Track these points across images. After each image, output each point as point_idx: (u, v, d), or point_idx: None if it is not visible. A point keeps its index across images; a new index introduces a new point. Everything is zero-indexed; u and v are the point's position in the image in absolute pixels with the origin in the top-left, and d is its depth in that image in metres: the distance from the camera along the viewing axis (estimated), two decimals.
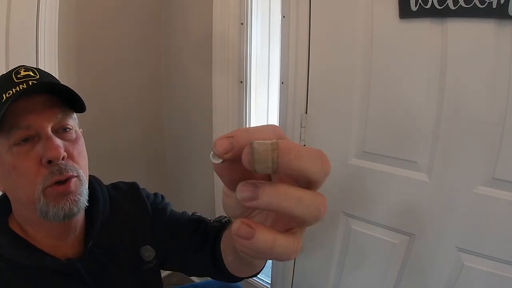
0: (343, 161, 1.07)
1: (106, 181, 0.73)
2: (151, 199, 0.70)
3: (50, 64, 1.19)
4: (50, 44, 1.17)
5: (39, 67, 1.13)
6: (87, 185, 0.54)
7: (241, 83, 1.34)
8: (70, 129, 0.54)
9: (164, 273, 1.84)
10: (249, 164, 0.20)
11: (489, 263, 0.85)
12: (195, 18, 1.48)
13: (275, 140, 0.20)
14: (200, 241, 0.64)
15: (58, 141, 0.50)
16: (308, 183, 0.23)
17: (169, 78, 1.66)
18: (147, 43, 1.58)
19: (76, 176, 0.51)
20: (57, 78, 0.58)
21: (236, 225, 0.21)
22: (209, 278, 0.67)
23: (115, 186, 0.70)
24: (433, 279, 0.95)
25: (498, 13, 0.74)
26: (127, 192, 0.69)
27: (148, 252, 0.65)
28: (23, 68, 0.53)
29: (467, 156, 0.85)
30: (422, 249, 0.96)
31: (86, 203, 0.53)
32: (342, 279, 1.16)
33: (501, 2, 0.73)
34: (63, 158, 0.49)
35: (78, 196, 0.51)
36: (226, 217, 0.66)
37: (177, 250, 0.66)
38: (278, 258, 0.22)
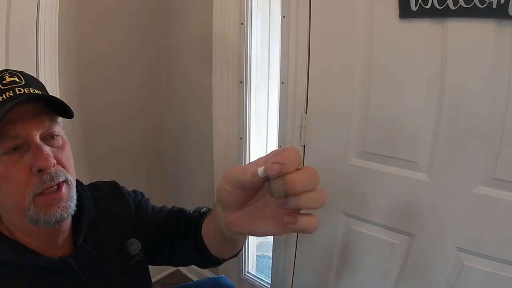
0: (343, 161, 1.07)
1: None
2: (132, 197, 0.72)
3: (50, 64, 1.19)
4: (50, 44, 1.17)
5: (39, 67, 1.14)
6: (75, 189, 0.56)
7: (241, 83, 1.34)
8: (57, 135, 0.55)
9: (164, 273, 1.84)
10: (270, 193, 0.31)
11: (489, 263, 0.85)
12: (195, 18, 1.48)
13: (284, 177, 0.30)
14: (183, 231, 0.67)
15: (48, 150, 0.50)
16: None
17: (169, 78, 1.66)
18: (147, 43, 1.58)
19: (65, 181, 0.53)
20: (41, 81, 0.59)
21: (285, 217, 0.34)
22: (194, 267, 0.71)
23: (94, 185, 0.71)
24: (433, 279, 0.95)
25: (498, 13, 0.74)
26: (107, 190, 0.70)
27: (134, 245, 0.67)
28: (8, 74, 0.53)
29: (467, 156, 0.85)
30: (422, 249, 0.96)
31: (75, 207, 0.55)
32: (342, 279, 1.16)
33: (501, 2, 0.73)
34: (53, 166, 0.50)
35: (69, 202, 0.53)
36: (204, 207, 0.70)
37: (163, 242, 0.69)
38: (308, 231, 0.33)
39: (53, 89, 1.22)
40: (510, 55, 0.76)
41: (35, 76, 1.14)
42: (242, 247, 0.65)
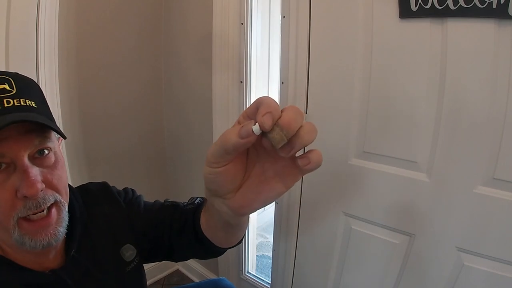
0: (343, 161, 1.07)
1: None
2: (123, 196, 0.69)
3: (50, 64, 1.19)
4: (50, 44, 1.17)
5: (39, 66, 1.14)
6: (67, 208, 0.53)
7: (241, 83, 1.34)
8: (49, 151, 0.50)
9: (164, 273, 1.84)
10: (272, 146, 0.31)
11: (489, 263, 0.85)
12: (195, 18, 1.48)
13: (278, 123, 0.29)
14: (180, 224, 0.65)
15: (35, 173, 0.46)
16: None
17: (169, 78, 1.66)
18: (147, 43, 1.59)
19: (54, 203, 0.49)
20: (37, 83, 0.53)
21: (299, 161, 0.33)
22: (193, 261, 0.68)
23: (85, 188, 0.68)
24: (433, 279, 0.95)
25: (498, 13, 0.74)
26: (98, 194, 0.67)
27: (129, 252, 0.64)
28: None
29: (467, 156, 0.85)
30: (422, 249, 0.96)
31: (66, 230, 0.52)
32: (342, 279, 1.16)
33: (501, 2, 0.73)
34: (41, 190, 0.46)
35: (58, 228, 0.50)
36: (198, 198, 0.67)
37: (160, 238, 0.66)
38: (319, 164, 0.33)
39: (53, 89, 1.22)
40: (510, 55, 0.76)
41: (36, 77, 1.15)
42: (243, 236, 0.62)
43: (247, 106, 1.34)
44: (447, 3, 0.80)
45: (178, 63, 1.60)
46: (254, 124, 0.29)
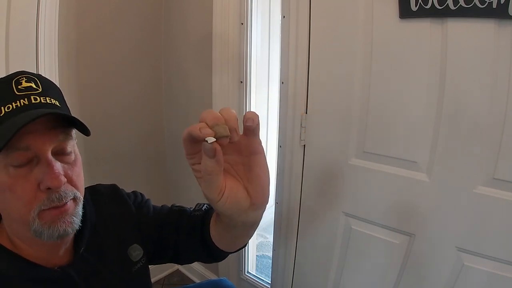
0: (343, 161, 1.07)
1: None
2: (132, 199, 0.71)
3: (50, 64, 1.19)
4: (50, 44, 1.17)
5: (39, 66, 1.14)
6: (82, 205, 0.54)
7: (241, 83, 1.34)
8: (70, 152, 0.52)
9: (164, 273, 1.84)
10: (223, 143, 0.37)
11: (489, 263, 0.85)
12: (195, 18, 1.48)
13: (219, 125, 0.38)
14: (186, 228, 0.66)
15: (59, 167, 0.49)
16: None
17: (169, 78, 1.66)
18: (147, 43, 1.58)
19: (72, 198, 0.51)
20: (58, 86, 0.56)
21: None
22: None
23: (95, 189, 0.69)
24: (433, 279, 0.95)
25: (498, 13, 0.74)
26: (108, 195, 0.69)
27: (136, 252, 0.66)
28: (25, 78, 0.50)
29: (467, 156, 0.85)
30: (422, 249, 0.96)
31: (80, 223, 0.53)
32: (342, 279, 1.16)
33: (501, 2, 0.73)
34: (63, 184, 0.49)
35: (73, 217, 0.51)
36: (204, 204, 0.69)
37: (166, 241, 0.68)
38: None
39: None
40: (510, 55, 0.76)
41: None
42: (249, 239, 0.63)
43: (247, 110, 1.35)
44: (447, 3, 0.80)
45: (178, 63, 1.60)
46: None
